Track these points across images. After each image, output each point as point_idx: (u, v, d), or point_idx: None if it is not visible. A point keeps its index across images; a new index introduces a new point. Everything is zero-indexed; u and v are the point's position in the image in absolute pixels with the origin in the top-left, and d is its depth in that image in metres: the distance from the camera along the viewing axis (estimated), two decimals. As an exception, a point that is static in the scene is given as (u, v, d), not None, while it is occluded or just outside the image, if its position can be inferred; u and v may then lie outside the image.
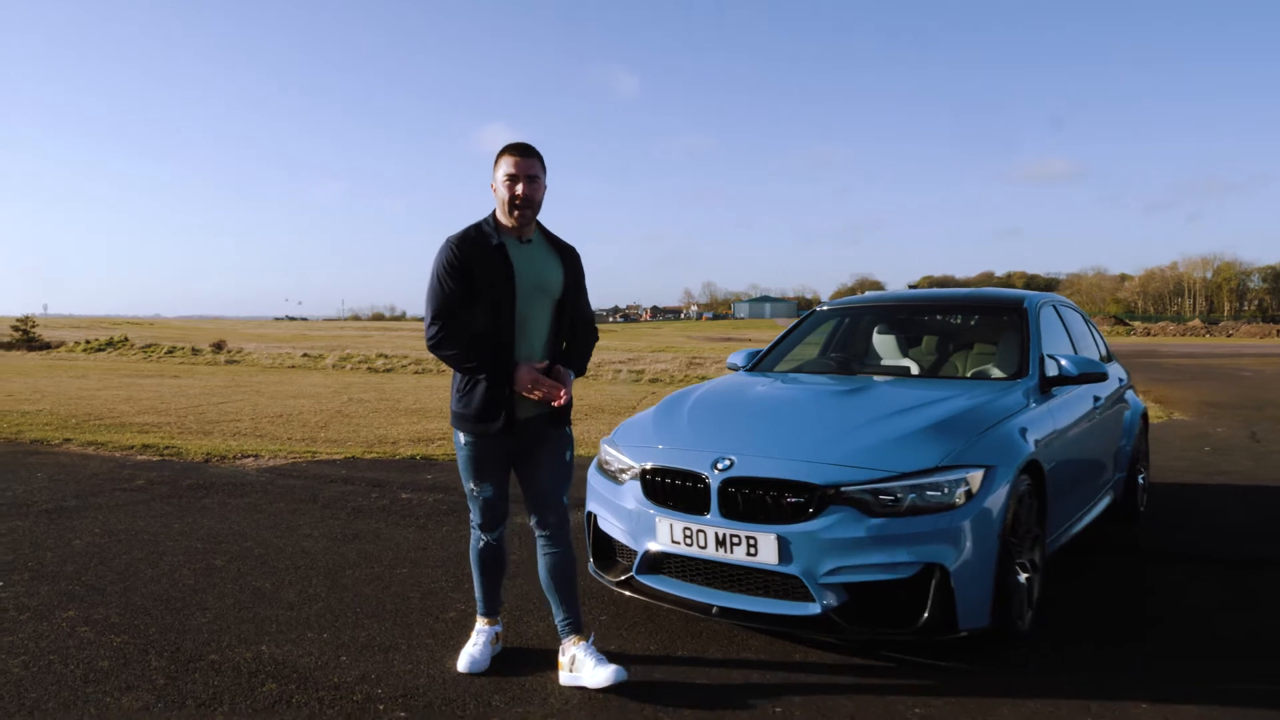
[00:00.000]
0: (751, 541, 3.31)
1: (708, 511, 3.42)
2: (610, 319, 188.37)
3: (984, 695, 3.02)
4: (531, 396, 3.03)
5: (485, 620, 3.40)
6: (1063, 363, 4.31)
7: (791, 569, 3.26)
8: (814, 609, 3.25)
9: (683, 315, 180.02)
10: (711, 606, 3.43)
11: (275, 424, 10.52)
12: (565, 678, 3.12)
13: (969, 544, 3.21)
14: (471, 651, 3.28)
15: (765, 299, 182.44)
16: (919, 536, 3.19)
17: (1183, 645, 3.49)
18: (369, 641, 3.47)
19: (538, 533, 3.26)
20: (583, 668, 3.09)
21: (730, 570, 3.41)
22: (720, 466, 3.44)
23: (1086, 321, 5.73)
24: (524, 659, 3.32)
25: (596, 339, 3.39)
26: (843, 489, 3.26)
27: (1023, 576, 3.57)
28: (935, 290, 5.72)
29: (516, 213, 3.06)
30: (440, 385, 16.26)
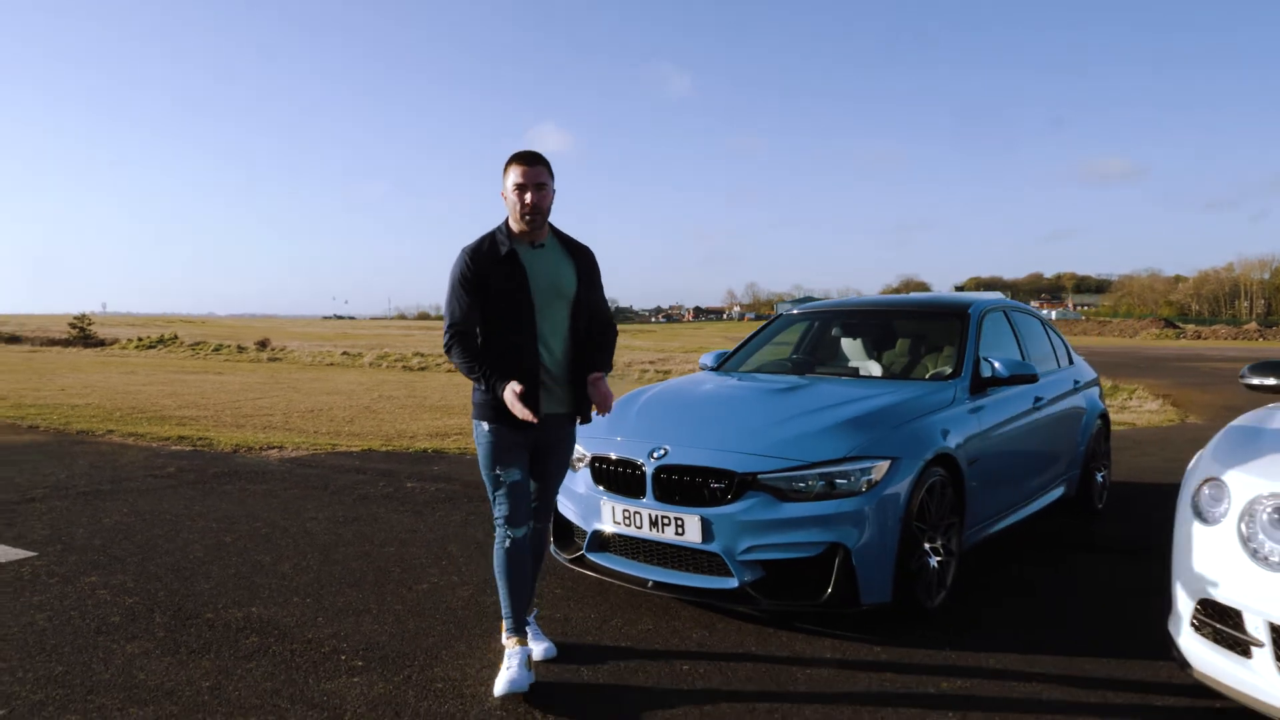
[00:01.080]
0: (680, 522, 3.71)
1: (644, 496, 3.83)
2: (653, 319, 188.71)
3: (873, 665, 3.38)
4: (515, 413, 3.03)
5: (515, 640, 3.19)
6: (996, 365, 4.63)
7: (713, 547, 3.65)
8: (732, 583, 3.64)
9: (725, 315, 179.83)
10: (648, 581, 3.84)
11: (305, 419, 11.10)
12: (505, 639, 3.30)
13: (871, 527, 3.58)
14: (508, 675, 3.07)
15: (809, 299, 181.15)
16: (825, 519, 3.57)
17: (1084, 628, 3.81)
18: (346, 606, 3.93)
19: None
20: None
21: (664, 548, 3.82)
22: (656, 455, 3.84)
23: (1046, 327, 6.01)
24: (476, 624, 3.74)
25: (616, 335, 3.45)
26: (759, 476, 3.65)
27: (934, 560, 3.92)
28: (894, 296, 6.05)
29: (528, 220, 3.15)
30: (468, 384, 16.82)
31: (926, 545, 3.89)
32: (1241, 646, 2.67)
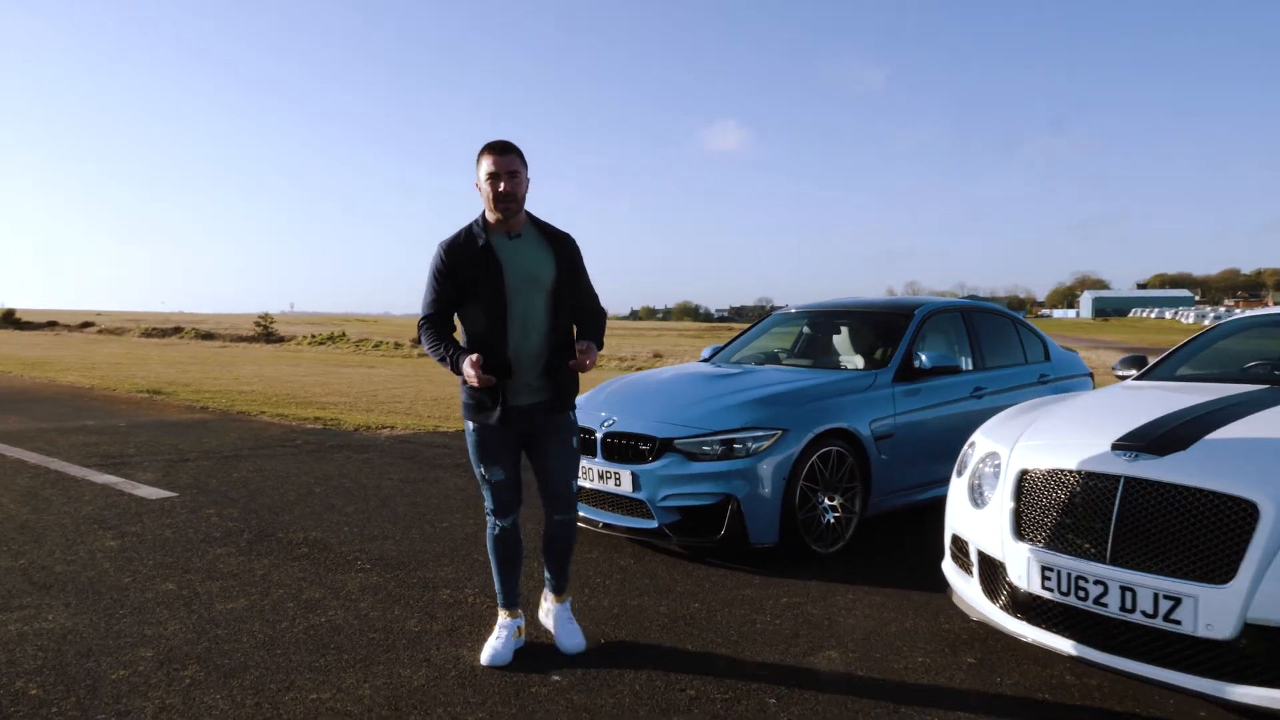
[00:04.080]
0: (617, 476, 4.78)
1: (596, 455, 4.92)
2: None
3: (743, 585, 4.34)
4: (471, 382, 3.12)
5: (506, 613, 3.45)
6: (923, 358, 5.44)
7: (640, 495, 4.71)
8: (653, 524, 4.69)
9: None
10: (599, 522, 4.93)
11: (428, 406, 12.71)
12: (541, 619, 3.64)
13: (757, 483, 4.53)
14: (494, 645, 3.35)
15: (973, 298, 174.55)
16: (722, 475, 4.56)
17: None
18: (378, 534, 5.22)
19: (547, 513, 3.49)
20: (552, 624, 3.53)
21: (609, 497, 4.90)
22: (605, 424, 4.93)
23: (1018, 327, 6.62)
24: (466, 549, 4.93)
25: (605, 318, 3.50)
26: (675, 441, 4.67)
27: (831, 516, 4.82)
28: (865, 298, 6.79)
29: (501, 208, 3.17)
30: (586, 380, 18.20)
31: (826, 502, 4.80)
32: (968, 570, 3.50)
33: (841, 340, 6.20)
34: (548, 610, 3.59)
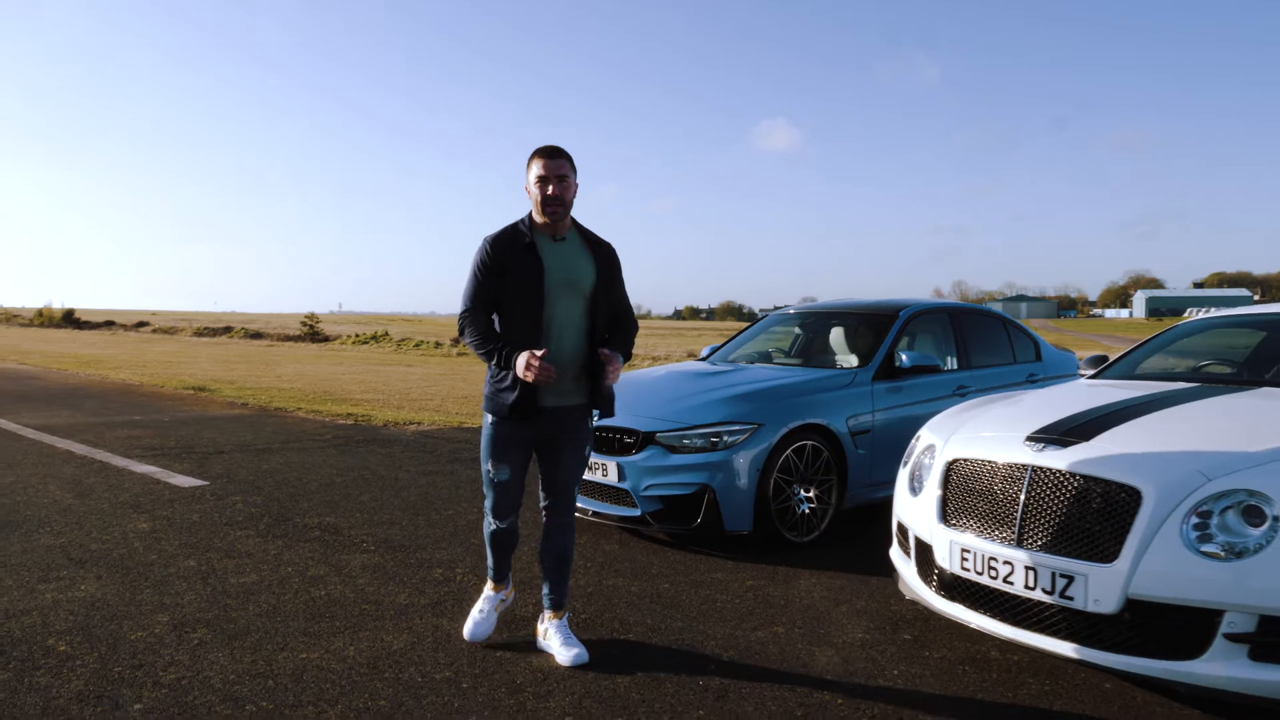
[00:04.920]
0: (605, 468, 5.12)
1: (586, 448, 5.25)
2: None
3: (715, 568, 4.65)
4: (525, 377, 3.11)
5: (493, 586, 3.61)
6: (904, 357, 5.69)
7: (625, 485, 5.03)
8: (636, 512, 5.01)
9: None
10: (589, 510, 5.26)
11: (457, 403, 13.16)
12: (540, 642, 3.50)
13: (732, 474, 4.84)
14: (476, 618, 3.55)
15: (1021, 298, 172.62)
16: (699, 466, 4.87)
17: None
18: (386, 520, 5.62)
19: (545, 513, 3.50)
20: (552, 643, 3.40)
21: (597, 486, 5.23)
22: (595, 418, 5.25)
23: (1008, 328, 6.82)
24: (466, 535, 5.30)
25: (637, 329, 3.55)
26: (656, 434, 4.99)
27: (807, 506, 5.09)
28: (854, 300, 7.01)
29: (549, 212, 3.24)
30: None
31: (801, 494, 5.08)
32: (908, 554, 3.77)
33: (834, 339, 6.46)
34: (545, 630, 3.49)
